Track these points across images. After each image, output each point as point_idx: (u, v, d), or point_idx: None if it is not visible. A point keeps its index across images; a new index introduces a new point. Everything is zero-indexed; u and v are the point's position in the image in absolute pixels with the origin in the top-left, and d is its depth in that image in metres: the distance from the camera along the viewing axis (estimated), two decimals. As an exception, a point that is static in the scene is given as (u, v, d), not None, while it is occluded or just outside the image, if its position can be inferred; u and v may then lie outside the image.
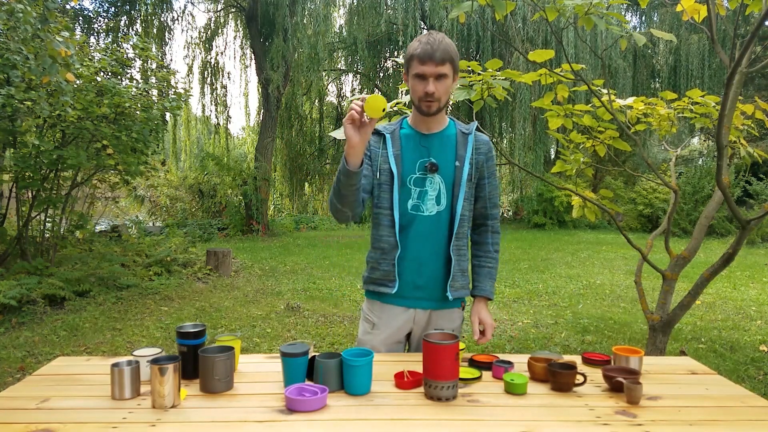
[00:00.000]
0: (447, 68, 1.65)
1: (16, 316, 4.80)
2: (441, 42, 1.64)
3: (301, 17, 12.52)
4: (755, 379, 3.65)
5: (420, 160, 1.75)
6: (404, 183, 1.75)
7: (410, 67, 1.68)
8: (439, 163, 1.74)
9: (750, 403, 1.41)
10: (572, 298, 6.18)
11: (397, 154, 1.75)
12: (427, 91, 1.65)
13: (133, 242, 7.81)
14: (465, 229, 1.80)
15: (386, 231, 1.76)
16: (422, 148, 1.76)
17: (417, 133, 1.78)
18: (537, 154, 14.72)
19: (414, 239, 1.75)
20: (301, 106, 16.45)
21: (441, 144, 1.77)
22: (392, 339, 1.80)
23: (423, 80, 1.65)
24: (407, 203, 1.75)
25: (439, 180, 1.74)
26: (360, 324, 1.88)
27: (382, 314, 1.81)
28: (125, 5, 12.58)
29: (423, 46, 1.63)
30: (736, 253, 2.66)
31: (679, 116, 3.23)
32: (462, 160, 1.75)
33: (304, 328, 4.86)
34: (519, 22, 13.59)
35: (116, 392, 1.38)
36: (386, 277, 1.78)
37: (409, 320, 1.81)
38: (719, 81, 13.87)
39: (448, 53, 1.64)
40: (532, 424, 1.25)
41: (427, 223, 1.75)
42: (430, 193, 1.75)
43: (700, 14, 2.42)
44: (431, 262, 1.76)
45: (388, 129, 1.81)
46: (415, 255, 1.76)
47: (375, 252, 1.80)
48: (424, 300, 1.79)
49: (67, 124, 5.72)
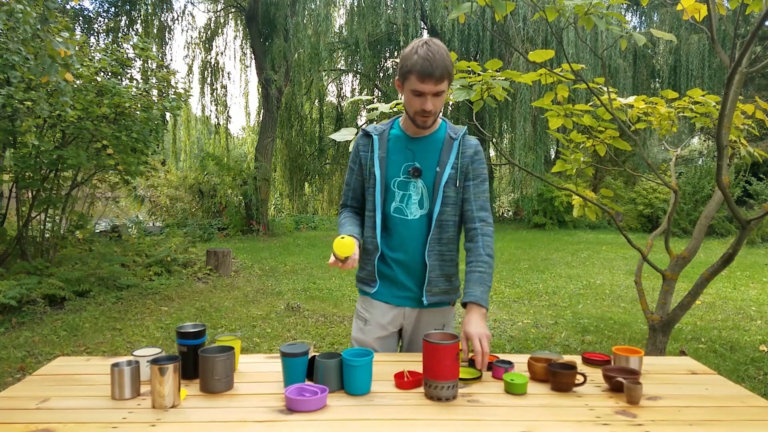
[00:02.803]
0: (445, 85, 1.64)
1: (16, 316, 4.80)
2: (439, 57, 1.58)
3: (301, 17, 12.52)
4: (755, 379, 3.65)
5: (405, 164, 1.76)
6: (388, 186, 1.76)
7: (407, 80, 1.63)
8: (423, 167, 1.75)
9: (750, 403, 1.41)
10: (572, 298, 6.18)
11: (383, 156, 1.77)
12: (425, 109, 1.64)
13: (133, 242, 7.80)
14: (450, 235, 1.78)
15: (370, 232, 1.79)
16: (408, 152, 1.77)
17: (405, 136, 1.79)
18: (537, 154, 14.72)
19: (396, 242, 1.78)
20: (301, 106, 16.45)
21: (426, 148, 1.76)
22: (384, 334, 1.82)
23: (421, 96, 1.63)
24: (390, 206, 1.77)
25: (422, 185, 1.75)
26: (354, 321, 1.90)
27: (373, 310, 1.83)
28: (125, 5, 12.58)
29: (423, 62, 1.57)
30: (736, 253, 2.66)
31: (679, 116, 3.23)
32: (443, 165, 1.74)
33: (304, 328, 4.86)
34: (519, 22, 13.59)
35: (116, 392, 1.38)
36: (369, 276, 1.83)
37: (399, 315, 1.83)
38: (719, 81, 13.87)
39: (446, 69, 1.60)
40: (532, 424, 1.25)
41: (410, 227, 1.76)
42: (413, 197, 1.76)
43: (701, 14, 2.41)
44: (412, 266, 1.78)
45: (378, 130, 1.82)
46: (397, 257, 1.78)
47: (363, 252, 1.84)
48: (408, 300, 1.81)
49: (67, 124, 5.72)
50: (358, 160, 1.83)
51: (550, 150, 16.80)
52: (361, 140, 1.83)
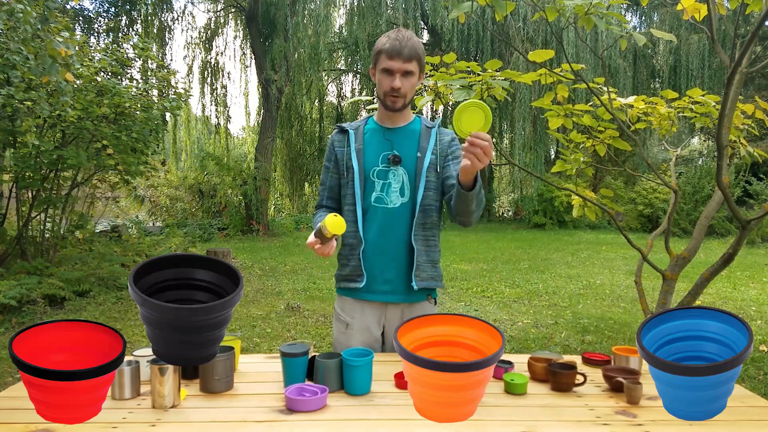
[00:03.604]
0: (414, 65, 1.68)
1: (16, 316, 4.80)
2: (409, 39, 1.66)
3: (301, 17, 12.52)
4: (755, 379, 3.65)
5: (383, 153, 1.77)
6: (367, 176, 1.77)
7: (378, 61, 1.70)
8: (402, 155, 1.76)
9: (750, 403, 1.41)
10: (572, 298, 6.18)
11: (359, 148, 1.78)
12: (393, 86, 1.68)
13: (133, 242, 7.81)
14: (433, 219, 1.79)
15: (351, 227, 1.77)
16: (386, 141, 1.78)
17: (381, 128, 1.81)
18: (537, 154, 14.72)
19: (379, 232, 1.77)
20: (301, 106, 16.46)
21: (404, 137, 1.79)
22: (367, 337, 1.80)
23: (390, 75, 1.68)
24: (371, 196, 1.77)
25: (402, 172, 1.76)
26: (334, 324, 1.88)
27: (354, 313, 1.81)
28: (125, 5, 12.59)
29: (391, 42, 1.65)
30: (736, 253, 2.66)
31: (679, 116, 3.23)
32: (424, 151, 1.76)
33: (304, 328, 4.86)
34: (519, 22, 13.59)
35: (116, 392, 1.38)
36: (354, 272, 1.80)
37: (381, 315, 1.82)
38: (719, 81, 13.86)
39: (415, 51, 1.66)
40: (532, 424, 1.25)
41: (391, 216, 1.76)
42: (393, 186, 1.76)
43: (701, 14, 2.41)
44: (397, 254, 1.77)
45: (353, 126, 1.83)
46: (380, 248, 1.77)
47: (344, 248, 1.83)
48: (393, 294, 1.79)
49: (67, 124, 5.72)
50: (333, 156, 1.83)
51: (550, 150, 16.80)
52: (336, 136, 1.84)
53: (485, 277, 7.45)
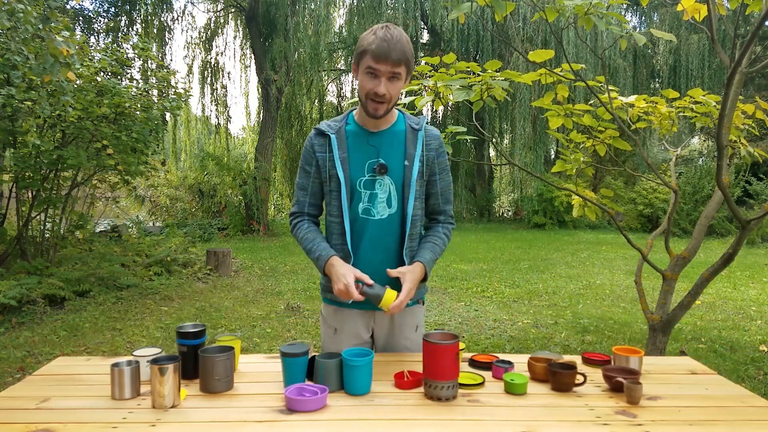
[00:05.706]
0: (402, 69, 1.56)
1: (16, 316, 4.80)
2: (399, 40, 1.53)
3: (301, 17, 12.53)
4: (755, 379, 3.65)
5: (369, 162, 1.67)
6: (354, 187, 1.67)
7: (362, 60, 1.57)
8: (389, 163, 1.66)
9: (750, 403, 1.41)
10: (572, 298, 6.18)
11: (344, 157, 1.66)
12: (377, 92, 1.56)
13: (133, 242, 7.81)
14: (418, 229, 1.74)
15: (338, 240, 1.69)
16: (370, 148, 1.67)
17: (364, 131, 1.69)
18: (537, 154, 14.72)
19: (366, 245, 1.68)
20: (301, 106, 16.45)
21: (390, 142, 1.68)
22: (357, 342, 1.75)
23: (374, 78, 1.56)
24: (358, 207, 1.67)
25: (389, 182, 1.66)
26: (321, 326, 1.83)
27: (343, 319, 1.75)
28: (125, 5, 12.59)
29: (379, 42, 1.52)
30: (736, 253, 2.66)
31: (679, 116, 3.23)
32: (411, 159, 1.66)
33: (304, 328, 4.86)
34: (519, 22, 13.59)
35: (116, 392, 1.38)
36: None
37: (370, 321, 1.77)
38: (719, 81, 13.87)
39: (404, 54, 1.54)
40: (532, 424, 1.25)
41: (378, 228, 1.68)
42: (380, 196, 1.67)
43: (701, 14, 2.41)
44: (385, 266, 1.66)
45: (333, 128, 1.69)
46: (368, 261, 1.68)
47: None
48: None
49: (67, 124, 5.72)
50: (314, 161, 1.70)
51: (550, 150, 16.80)
52: (316, 139, 1.70)
53: (485, 277, 7.45)
